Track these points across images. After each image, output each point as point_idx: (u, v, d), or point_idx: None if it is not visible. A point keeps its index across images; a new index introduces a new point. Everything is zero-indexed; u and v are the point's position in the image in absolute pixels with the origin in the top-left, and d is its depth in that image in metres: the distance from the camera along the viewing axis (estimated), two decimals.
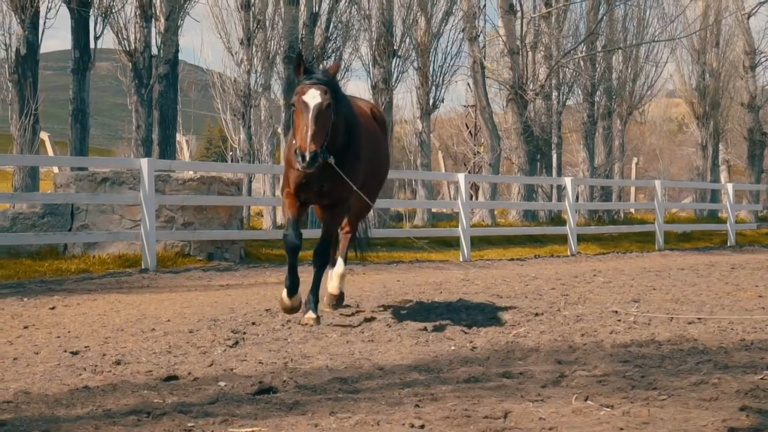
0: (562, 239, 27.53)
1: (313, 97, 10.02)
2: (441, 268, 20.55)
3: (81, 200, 18.86)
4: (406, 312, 11.96)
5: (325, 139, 10.04)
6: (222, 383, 7.08)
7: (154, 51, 27.72)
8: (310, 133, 9.75)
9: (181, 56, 28.82)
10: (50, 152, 30.21)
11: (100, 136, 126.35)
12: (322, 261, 11.16)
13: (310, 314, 10.81)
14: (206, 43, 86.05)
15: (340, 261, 12.34)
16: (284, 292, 10.98)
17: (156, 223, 18.68)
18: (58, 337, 9.97)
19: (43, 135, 28.44)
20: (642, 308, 12.13)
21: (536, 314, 11.46)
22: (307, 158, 9.66)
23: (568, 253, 26.45)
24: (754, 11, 51.12)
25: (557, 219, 34.72)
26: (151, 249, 18.22)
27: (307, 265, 12.49)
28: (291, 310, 10.97)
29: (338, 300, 12.20)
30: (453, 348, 8.92)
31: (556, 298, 13.30)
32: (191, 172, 20.85)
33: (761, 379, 6.93)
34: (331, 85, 10.30)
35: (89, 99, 26.52)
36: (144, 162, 18.54)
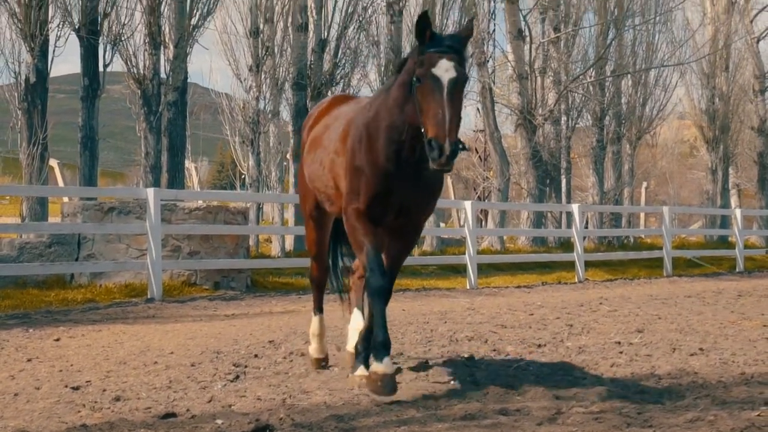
0: (571, 265, 27.52)
1: (447, 70, 7.97)
2: (447, 296, 20.54)
3: (87, 230, 18.92)
4: (406, 343, 11.95)
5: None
6: (219, 421, 7.08)
7: (163, 76, 27.86)
8: (449, 116, 7.71)
9: (192, 79, 28.97)
10: (59, 179, 30.30)
11: (114, 159, 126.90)
12: (386, 299, 8.58)
13: (367, 369, 8.58)
14: (215, 70, 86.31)
15: (357, 314, 9.93)
16: (356, 355, 9.18)
17: (162, 252, 18.73)
18: (61, 370, 9.99)
19: (53, 162, 28.55)
20: (645, 338, 12.12)
21: (539, 345, 11.45)
22: (447, 150, 7.56)
23: (576, 280, 26.42)
24: (763, 35, 51.18)
25: (567, 244, 34.69)
26: (157, 279, 18.26)
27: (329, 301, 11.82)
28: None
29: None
30: (452, 382, 8.91)
31: (561, 328, 13.29)
32: (198, 202, 20.88)
33: (758, 415, 6.92)
34: (464, 57, 8.33)
35: (103, 121, 26.66)
36: (150, 192, 18.60)
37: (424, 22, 7.93)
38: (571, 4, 39.40)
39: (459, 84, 7.96)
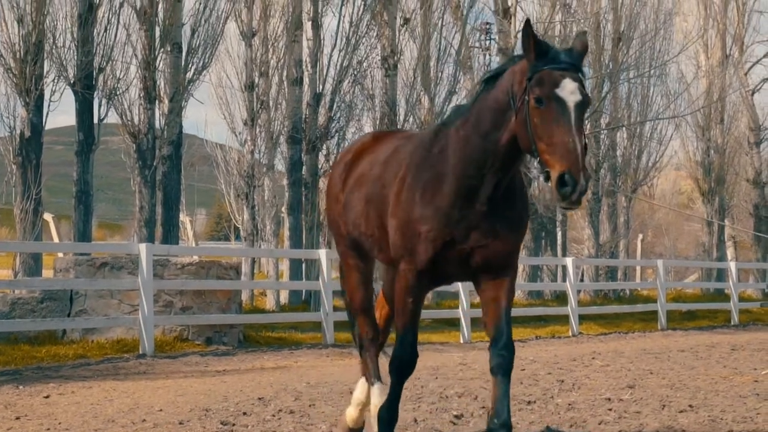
0: (565, 318, 27.48)
1: (573, 92, 6.93)
2: (440, 351, 20.53)
3: (79, 286, 18.93)
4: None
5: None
6: None
7: (158, 126, 27.96)
8: (579, 147, 6.76)
9: (190, 130, 29.09)
10: (54, 233, 30.31)
11: (112, 211, 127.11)
12: (409, 374, 7.88)
13: None
14: (210, 123, 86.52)
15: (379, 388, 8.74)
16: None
17: (154, 307, 18.72)
18: (48, 429, 9.97)
19: (47, 216, 28.57)
20: (636, 394, 12.11)
21: (528, 402, 11.43)
22: (583, 185, 6.65)
23: (570, 334, 26.39)
24: (758, 88, 51.40)
25: (563, 297, 34.63)
26: (148, 334, 18.24)
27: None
28: None
29: None
30: None
31: (551, 384, 13.27)
32: (192, 257, 20.89)
33: None
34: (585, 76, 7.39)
35: (101, 173, 26.76)
36: (142, 247, 18.64)
37: (528, 29, 6.95)
38: None
39: (585, 108, 7.06)
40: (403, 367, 7.71)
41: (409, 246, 7.53)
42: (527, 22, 6.95)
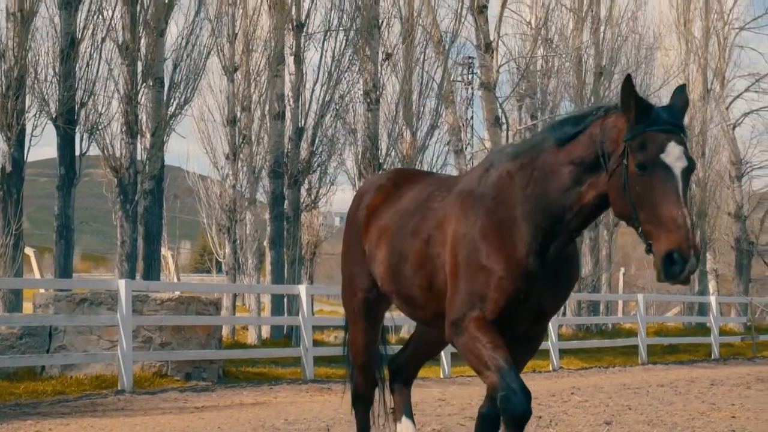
0: (546, 353, 27.49)
1: (679, 157, 6.41)
2: (420, 386, 20.48)
3: (58, 322, 18.90)
4: None
5: None
6: None
7: (140, 160, 27.97)
8: (689, 220, 6.22)
9: (175, 162, 29.12)
10: (35, 268, 30.27)
11: (96, 243, 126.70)
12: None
13: None
14: (192, 157, 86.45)
15: (407, 423, 9.02)
16: None
17: (134, 343, 18.68)
18: None
19: (29, 251, 28.54)
20: (613, 431, 12.13)
21: None
22: (694, 264, 6.12)
23: (550, 368, 26.40)
24: (739, 122, 51.70)
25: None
26: (127, 370, 18.21)
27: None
28: None
29: None
30: None
31: (529, 421, 13.26)
32: (171, 292, 20.88)
33: None
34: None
35: (86, 205, 26.80)
36: (121, 283, 18.62)
37: (630, 86, 6.44)
38: (548, 92, 39.80)
39: (691, 174, 6.50)
40: (522, 419, 6.73)
41: (476, 298, 6.99)
42: (628, 77, 6.48)
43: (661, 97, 45.61)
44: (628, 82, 6.40)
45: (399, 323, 26.71)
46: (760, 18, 51.38)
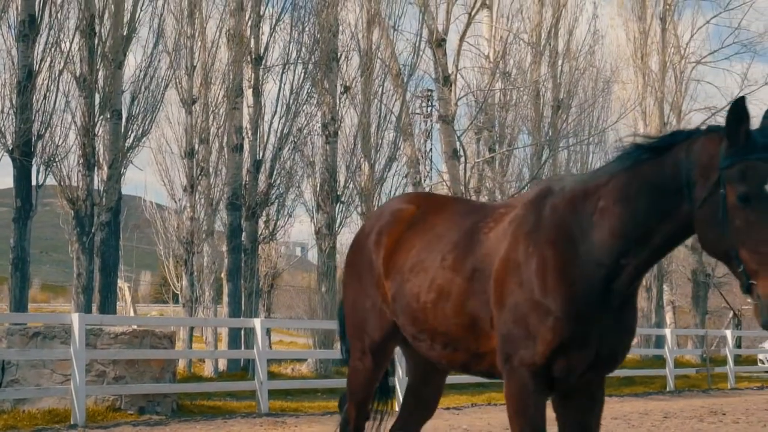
0: (501, 386, 27.52)
1: None
2: (377, 419, 20.52)
3: (10, 356, 18.82)
4: None
5: None
6: None
7: (98, 190, 27.95)
8: None
9: (136, 192, 29.12)
10: None
11: (56, 273, 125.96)
12: None
13: None
14: (150, 188, 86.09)
15: None
16: None
17: (87, 377, 18.61)
18: None
19: None
20: None
21: None
22: None
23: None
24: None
25: None
26: (80, 404, 18.13)
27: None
28: None
29: None
30: None
31: None
32: (125, 326, 20.84)
33: None
34: None
35: (46, 235, 26.69)
36: (75, 317, 18.56)
37: (742, 111, 5.75)
38: (506, 124, 40.02)
39: None
40: None
41: (525, 337, 6.40)
42: (741, 100, 5.77)
43: (618, 131, 46.26)
44: (741, 105, 5.73)
45: None
46: (717, 52, 51.80)
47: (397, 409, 8.74)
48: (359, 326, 8.02)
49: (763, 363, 42.37)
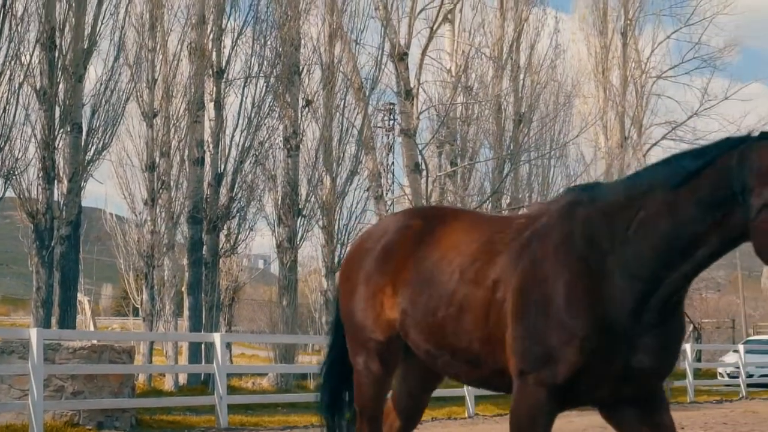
0: (461, 399, 27.57)
1: None
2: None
3: None
4: None
5: None
6: None
7: (58, 201, 27.81)
8: None
9: (98, 204, 28.98)
10: None
11: (16, 285, 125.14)
12: None
13: None
14: (111, 201, 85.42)
15: None
16: None
17: (45, 392, 18.51)
18: None
19: None
20: None
21: None
22: None
23: (466, 415, 26.51)
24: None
25: None
26: (38, 420, 18.03)
27: None
28: None
29: None
30: None
31: None
32: (83, 341, 20.76)
33: None
34: None
35: (6, 247, 26.52)
36: (33, 332, 18.47)
37: None
38: (467, 138, 40.11)
39: None
40: None
41: (545, 355, 6.22)
42: None
43: (580, 145, 46.50)
44: None
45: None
46: (677, 67, 52.12)
47: None
48: (360, 332, 7.77)
49: (722, 377, 42.54)
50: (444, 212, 8.01)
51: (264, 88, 32.99)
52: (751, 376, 39.82)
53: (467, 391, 26.79)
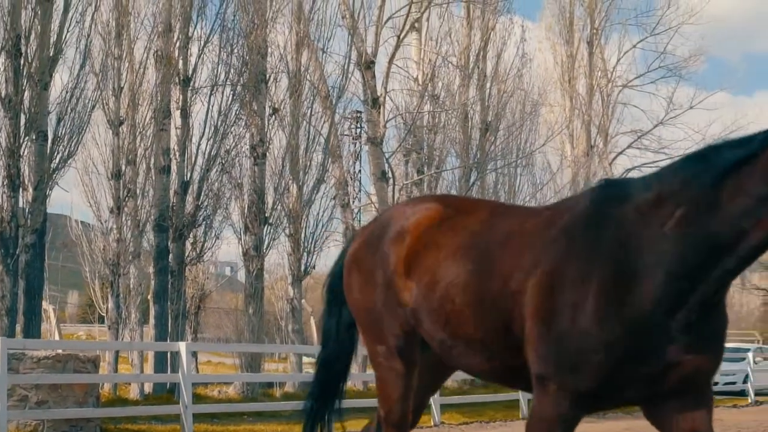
0: (428, 408, 27.62)
1: None
2: None
3: None
4: None
5: None
6: None
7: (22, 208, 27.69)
8: None
9: (63, 210, 28.87)
10: None
11: None
12: None
13: None
14: (77, 208, 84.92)
15: None
16: None
17: (9, 402, 18.46)
18: None
19: None
20: None
21: None
22: None
23: (432, 424, 26.56)
24: (622, 177, 52.60)
25: None
26: (2, 430, 17.95)
27: None
28: None
29: None
30: None
31: None
32: (48, 350, 20.69)
33: None
34: None
35: None
36: None
37: None
38: (434, 147, 40.19)
39: None
40: None
41: (570, 361, 5.98)
42: None
43: (546, 153, 46.66)
44: None
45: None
46: (643, 76, 52.38)
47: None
48: (376, 327, 7.56)
49: None
50: (462, 201, 7.91)
51: (231, 96, 32.98)
52: (716, 383, 39.96)
53: (433, 400, 26.82)
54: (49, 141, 28.16)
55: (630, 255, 5.94)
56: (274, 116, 34.29)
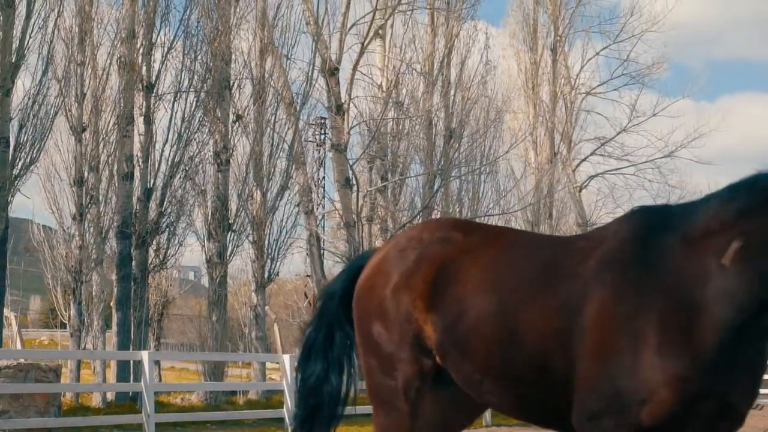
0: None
1: None
2: None
3: None
4: None
5: None
6: None
7: None
8: None
9: (25, 215, 28.71)
10: None
11: None
12: None
13: None
14: (39, 213, 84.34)
15: None
16: None
17: None
18: None
19: None
20: None
21: None
22: None
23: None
24: (585, 184, 52.77)
25: None
26: None
27: None
28: None
29: None
30: None
31: None
32: (15, 359, 20.56)
33: None
34: None
35: None
36: None
37: None
38: (398, 153, 40.19)
39: None
40: None
41: (633, 397, 5.68)
42: None
43: (510, 160, 46.73)
44: None
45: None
46: (606, 83, 52.57)
47: None
48: (388, 362, 6.97)
49: None
50: (484, 228, 7.41)
51: (194, 102, 33.02)
52: None
53: None
54: (11, 147, 27.98)
55: (686, 287, 5.71)
56: (237, 123, 34.27)
